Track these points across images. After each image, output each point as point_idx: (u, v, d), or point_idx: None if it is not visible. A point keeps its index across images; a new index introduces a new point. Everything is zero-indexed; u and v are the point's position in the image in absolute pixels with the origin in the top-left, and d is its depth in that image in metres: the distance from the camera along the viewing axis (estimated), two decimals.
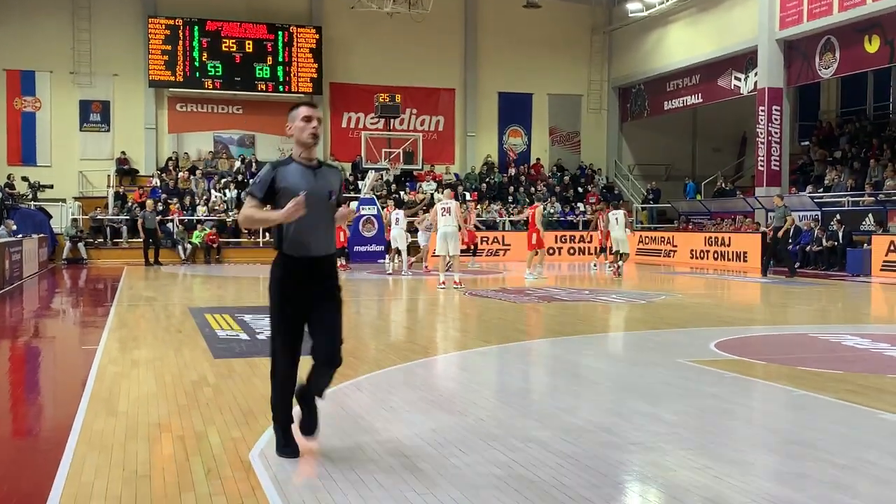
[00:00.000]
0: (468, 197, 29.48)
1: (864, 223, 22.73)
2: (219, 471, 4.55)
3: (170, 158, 30.69)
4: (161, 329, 10.62)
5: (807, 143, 31.46)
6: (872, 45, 23.16)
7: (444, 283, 16.59)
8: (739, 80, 28.15)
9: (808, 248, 22.84)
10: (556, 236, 28.50)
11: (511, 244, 28.09)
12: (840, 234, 22.00)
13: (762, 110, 26.29)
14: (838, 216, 22.60)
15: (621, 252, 20.68)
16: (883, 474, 4.49)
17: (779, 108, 26.22)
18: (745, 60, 27.62)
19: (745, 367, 7.84)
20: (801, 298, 15.26)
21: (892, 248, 20.01)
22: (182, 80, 30.25)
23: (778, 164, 26.44)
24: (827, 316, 12.88)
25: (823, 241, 22.37)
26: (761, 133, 26.41)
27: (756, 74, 26.78)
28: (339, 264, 22.65)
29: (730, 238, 25.17)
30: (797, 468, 4.61)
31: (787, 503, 4.04)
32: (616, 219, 20.86)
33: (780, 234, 19.90)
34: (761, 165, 26.59)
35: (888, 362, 8.05)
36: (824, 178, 26.88)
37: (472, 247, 24.59)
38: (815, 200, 24.69)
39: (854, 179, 25.49)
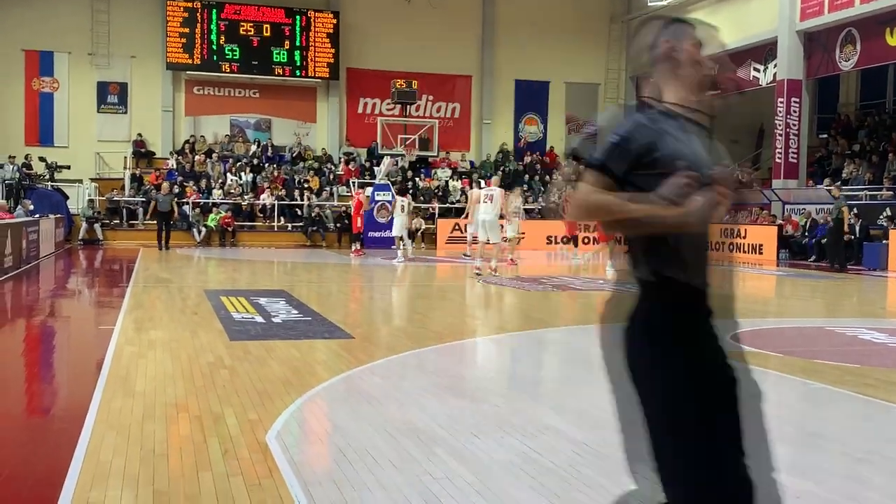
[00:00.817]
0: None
1: (881, 217, 22.56)
2: (235, 452, 4.57)
3: (186, 141, 30.77)
4: (177, 311, 10.68)
5: (825, 135, 31.24)
6: (894, 38, 22.94)
7: (479, 269, 16.37)
8: (758, 71, 27.94)
9: (824, 241, 22.70)
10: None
11: (525, 232, 28.03)
12: (857, 228, 21.85)
13: (781, 102, 26.11)
14: (855, 210, 22.44)
15: None
16: None
17: (798, 100, 26.04)
18: (764, 52, 27.41)
19: (761, 358, 7.81)
20: (817, 291, 15.19)
21: None
22: (199, 63, 30.30)
23: (796, 156, 26.27)
24: (843, 309, 12.82)
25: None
26: (779, 125, 26.23)
27: (775, 66, 26.58)
28: (354, 249, 23.05)
29: (745, 230, 25.06)
30: (813, 460, 4.60)
31: (802, 495, 4.03)
32: None
33: (840, 226, 19.58)
34: (779, 157, 26.43)
35: None
36: (842, 172, 26.70)
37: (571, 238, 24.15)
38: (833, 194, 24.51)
39: (872, 173, 25.31)
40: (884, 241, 20.93)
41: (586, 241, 22.95)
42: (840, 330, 9.79)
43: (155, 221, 25.13)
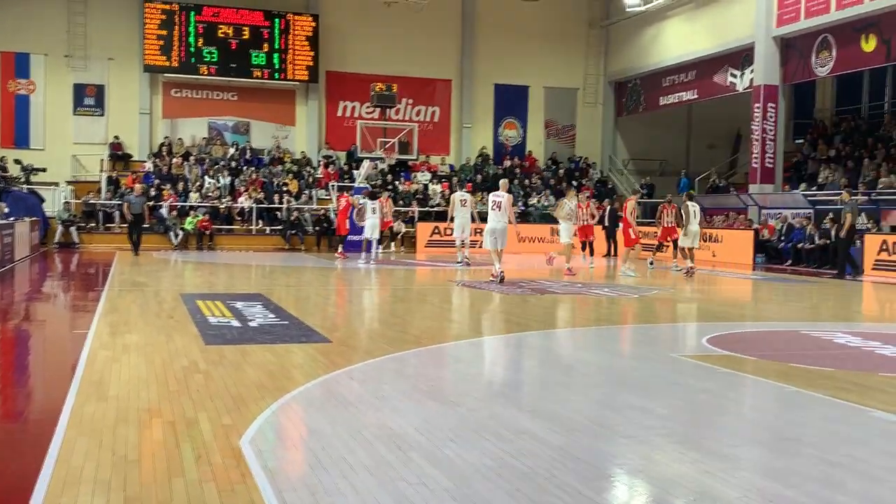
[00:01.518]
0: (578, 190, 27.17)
1: (857, 222, 22.75)
2: (209, 457, 4.53)
3: (163, 144, 30.57)
4: (152, 315, 10.59)
5: (801, 141, 31.51)
6: (869, 44, 23.18)
7: (494, 275, 15.74)
8: (735, 76, 28.14)
9: (800, 245, 22.87)
10: (550, 229, 28.48)
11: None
12: (833, 233, 22.02)
13: (757, 107, 26.30)
14: (831, 214, 22.62)
15: (692, 248, 18.94)
16: (873, 471, 4.50)
17: (774, 105, 26.24)
18: (741, 57, 27.61)
19: (737, 362, 7.86)
20: (792, 295, 15.29)
21: (884, 246, 20.06)
22: (177, 65, 30.12)
23: (772, 161, 26.47)
24: (819, 313, 12.91)
25: (816, 238, 22.40)
26: (756, 130, 26.42)
27: (752, 71, 26.78)
28: (339, 252, 23.11)
29: (722, 235, 25.20)
30: (787, 464, 4.62)
31: (776, 498, 4.05)
32: (695, 212, 19.06)
33: (842, 232, 18.95)
34: (755, 163, 26.61)
35: (879, 360, 8.06)
36: (818, 177, 26.94)
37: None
38: (809, 199, 24.72)
39: (848, 178, 25.53)
40: (858, 245, 21.10)
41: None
42: (816, 334, 9.85)
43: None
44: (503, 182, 17.19)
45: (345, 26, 31.83)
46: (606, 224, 26.17)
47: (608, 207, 26.58)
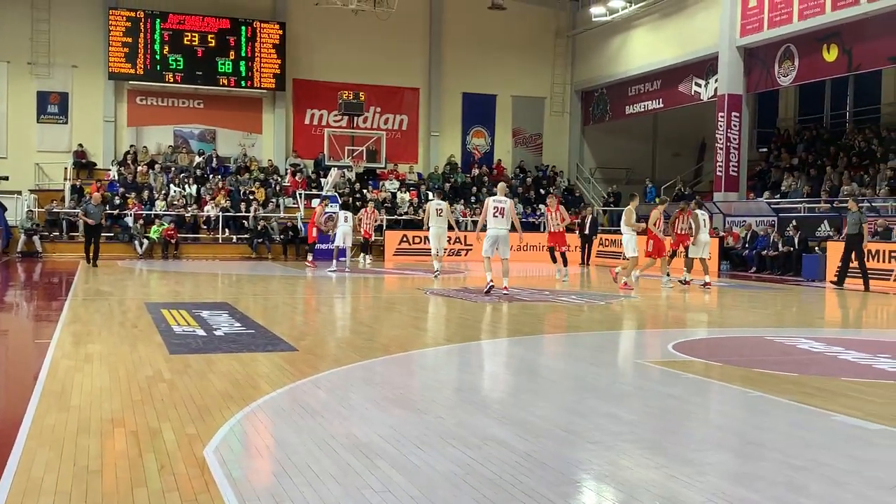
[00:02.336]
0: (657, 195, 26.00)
1: (819, 229, 23.10)
2: (172, 467, 4.47)
3: (128, 152, 30.28)
4: (116, 324, 10.46)
5: (765, 149, 31.93)
6: (831, 54, 23.54)
7: (491, 282, 14.94)
8: (700, 86, 28.45)
9: (764, 252, 23.15)
10: (519, 237, 28.48)
11: (473, 245, 28.09)
12: (796, 240, 22.33)
13: (721, 116, 26.60)
14: (794, 222, 22.93)
15: (703, 258, 17.88)
16: (836, 475, 4.54)
17: (738, 114, 26.55)
18: (705, 67, 27.93)
19: (703, 368, 7.92)
20: (757, 302, 15.45)
21: None
22: (142, 73, 29.88)
23: (736, 169, 26.78)
24: (782, 319, 13.05)
25: (780, 246, 22.68)
26: (720, 139, 26.72)
27: (716, 81, 27.09)
28: (309, 260, 23.11)
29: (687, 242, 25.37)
30: (752, 468, 4.65)
31: (741, 502, 4.07)
32: (704, 220, 18.06)
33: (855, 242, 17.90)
34: (720, 171, 26.91)
35: (841, 365, 8.17)
36: (781, 185, 27.29)
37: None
38: (773, 206, 25.03)
39: (810, 186, 25.91)
40: (820, 252, 21.39)
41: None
42: (780, 339, 9.95)
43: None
44: (502, 186, 16.27)
45: (312, 34, 31.78)
46: (587, 232, 26.36)
47: (589, 217, 26.72)
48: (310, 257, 23.88)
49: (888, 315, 14.62)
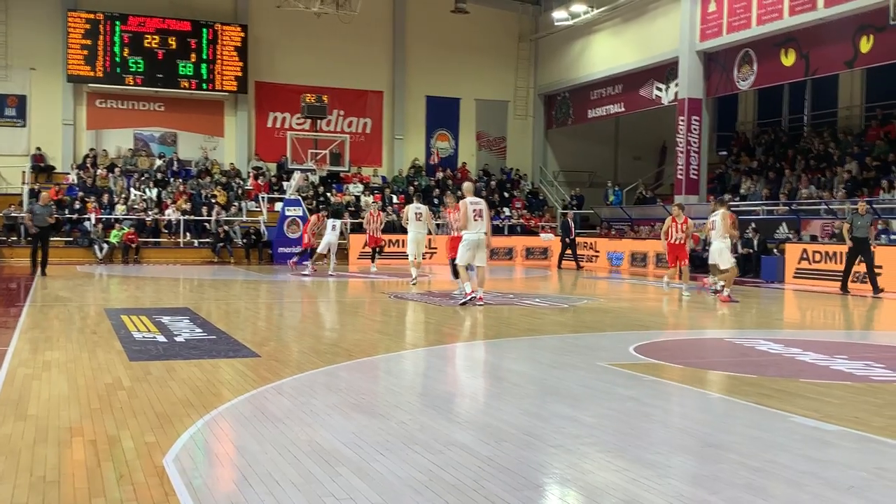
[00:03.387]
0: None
1: (778, 231, 23.42)
2: (131, 476, 4.42)
3: (87, 155, 29.90)
4: (75, 330, 10.32)
5: (724, 152, 32.30)
6: (788, 59, 23.90)
7: (468, 294, 13.59)
8: (661, 90, 28.73)
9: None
10: None
11: (437, 248, 28.10)
12: (755, 242, 22.59)
13: (682, 120, 26.88)
14: (753, 224, 23.21)
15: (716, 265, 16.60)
16: (794, 476, 4.60)
17: (698, 118, 26.85)
18: (666, 71, 28.21)
19: (663, 370, 7.99)
20: (717, 304, 15.60)
21: (804, 255, 20.66)
22: (102, 75, 29.54)
23: (696, 173, 27.08)
24: (742, 321, 13.21)
25: (739, 248, 22.93)
26: (681, 142, 27.00)
27: (677, 85, 27.37)
28: (290, 262, 23.11)
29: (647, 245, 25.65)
30: (711, 470, 4.70)
31: None
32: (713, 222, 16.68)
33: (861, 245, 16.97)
34: (680, 174, 27.18)
35: (800, 367, 8.28)
36: (740, 188, 27.62)
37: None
38: (732, 209, 25.27)
39: (769, 189, 26.25)
40: (779, 254, 21.67)
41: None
42: (739, 341, 10.07)
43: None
44: (468, 186, 14.57)
45: (274, 37, 31.62)
46: (573, 236, 26.72)
47: (571, 220, 27.11)
48: (295, 258, 24.17)
49: (860, 317, 14.85)
